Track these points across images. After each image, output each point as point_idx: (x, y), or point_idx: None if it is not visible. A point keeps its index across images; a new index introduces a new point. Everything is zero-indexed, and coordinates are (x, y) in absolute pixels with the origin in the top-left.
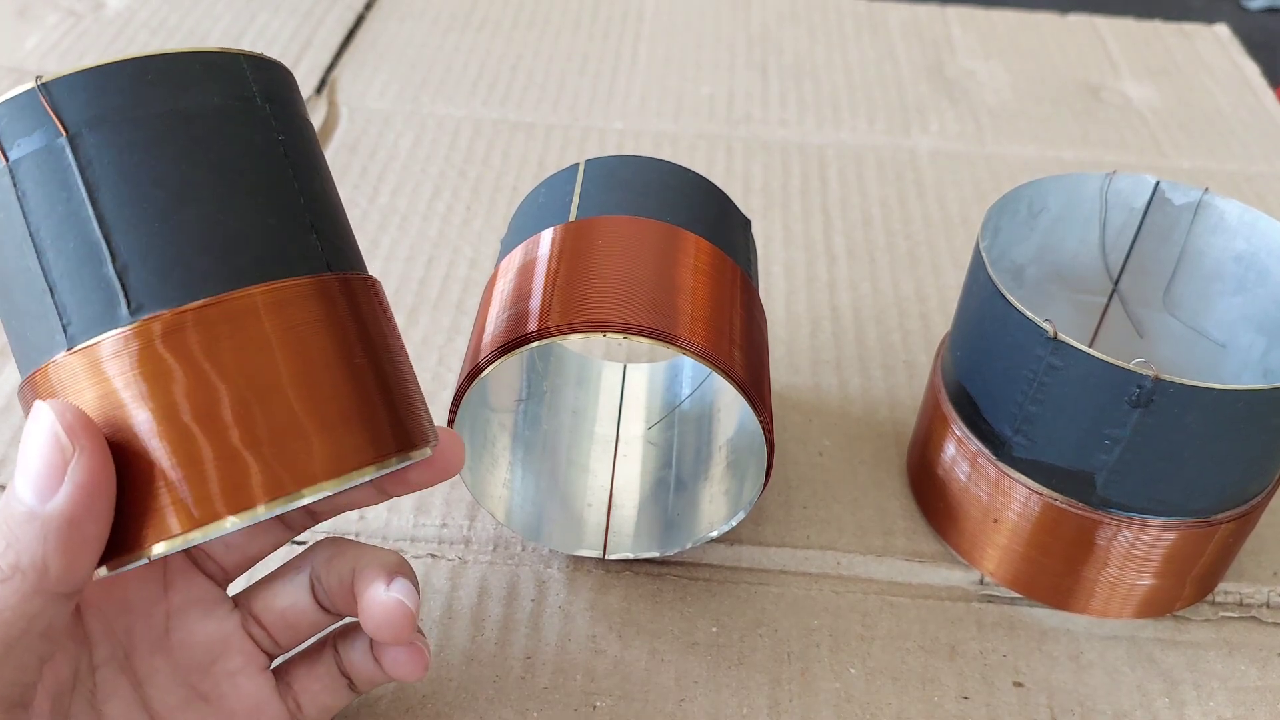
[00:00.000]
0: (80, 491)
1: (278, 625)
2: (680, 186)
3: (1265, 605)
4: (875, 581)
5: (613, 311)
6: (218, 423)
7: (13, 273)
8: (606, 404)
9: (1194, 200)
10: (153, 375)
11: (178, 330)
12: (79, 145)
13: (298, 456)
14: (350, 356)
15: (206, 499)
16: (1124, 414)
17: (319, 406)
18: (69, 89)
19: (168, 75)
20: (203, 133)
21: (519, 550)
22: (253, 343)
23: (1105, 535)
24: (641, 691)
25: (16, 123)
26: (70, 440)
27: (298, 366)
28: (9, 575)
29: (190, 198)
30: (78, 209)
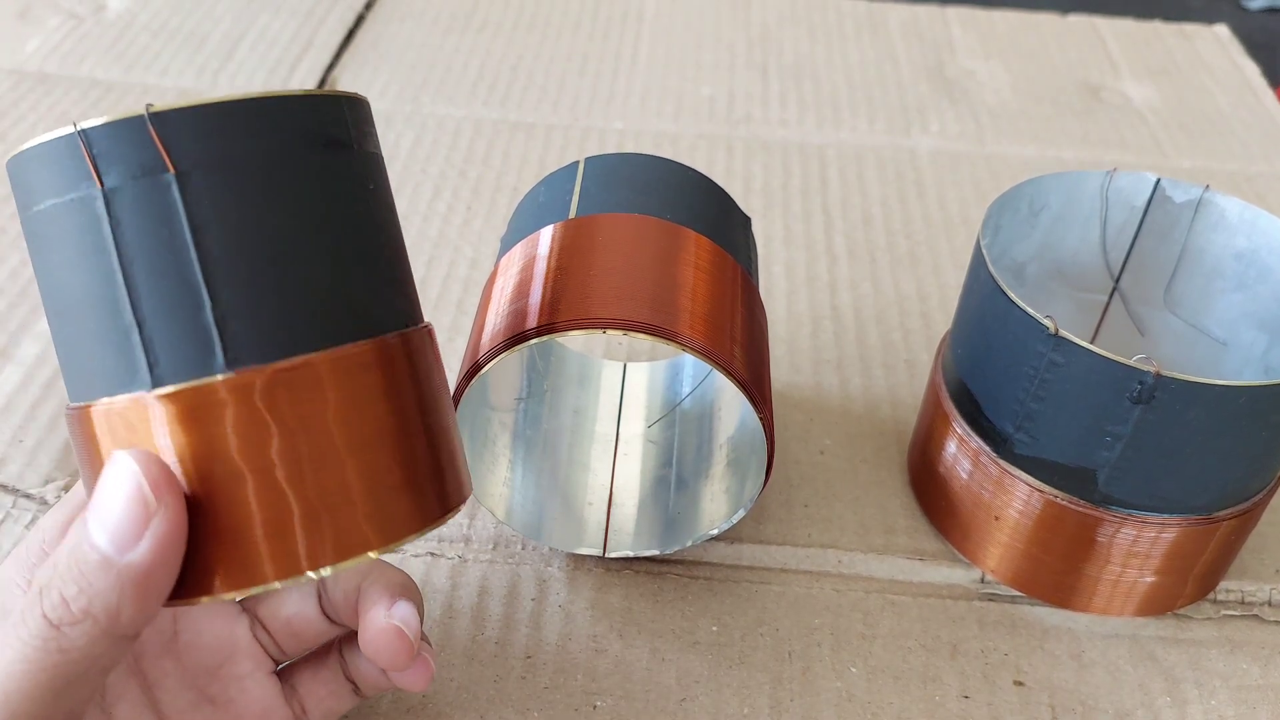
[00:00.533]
0: (159, 545)
1: (283, 633)
2: (681, 184)
3: (1267, 603)
4: (876, 580)
5: (613, 308)
6: (300, 481)
7: (88, 298)
8: (607, 403)
9: (1195, 198)
10: (241, 429)
11: (273, 386)
12: (187, 183)
13: (353, 522)
14: (423, 416)
15: (258, 558)
16: (1125, 411)
17: (396, 467)
18: (179, 123)
19: (278, 118)
20: (311, 183)
21: (519, 549)
22: (345, 401)
23: (1107, 533)
24: (642, 691)
25: (119, 149)
26: (155, 496)
27: (379, 426)
28: (80, 619)
29: (295, 250)
30: (180, 249)
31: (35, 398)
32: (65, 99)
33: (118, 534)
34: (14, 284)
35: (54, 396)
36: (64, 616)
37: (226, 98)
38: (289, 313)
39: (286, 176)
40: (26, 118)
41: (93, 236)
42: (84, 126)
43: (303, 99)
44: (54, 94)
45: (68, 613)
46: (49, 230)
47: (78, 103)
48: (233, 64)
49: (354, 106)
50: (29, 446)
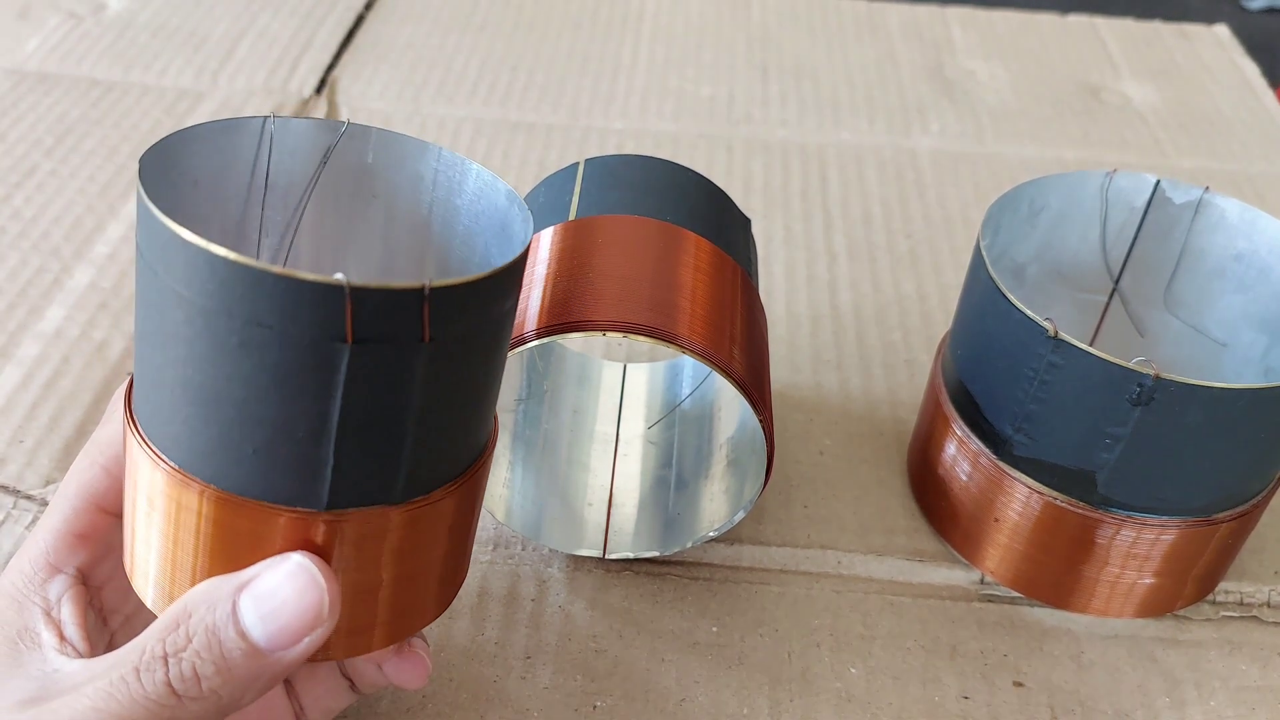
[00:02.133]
0: (309, 651)
1: None
2: (680, 185)
3: (1266, 605)
4: (876, 581)
5: (612, 310)
6: (390, 597)
7: (283, 421)
8: (607, 403)
9: (1194, 199)
10: (390, 547)
11: (352, 535)
12: (433, 353)
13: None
14: (472, 525)
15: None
16: (1125, 412)
17: (446, 578)
18: (449, 299)
19: (498, 288)
20: (500, 342)
21: (519, 550)
22: (434, 535)
23: (1106, 534)
24: (642, 691)
25: (387, 312)
26: (330, 615)
27: (446, 547)
28: (204, 696)
29: (472, 402)
30: (403, 407)
31: (35, 398)
32: (65, 99)
33: (281, 634)
34: (14, 284)
35: (54, 397)
36: (191, 691)
37: (474, 277)
38: (465, 456)
39: (485, 341)
40: (26, 117)
41: (320, 381)
42: (355, 285)
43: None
44: (54, 93)
45: (196, 689)
46: (253, 345)
47: (77, 102)
48: (232, 64)
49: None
50: (29, 447)
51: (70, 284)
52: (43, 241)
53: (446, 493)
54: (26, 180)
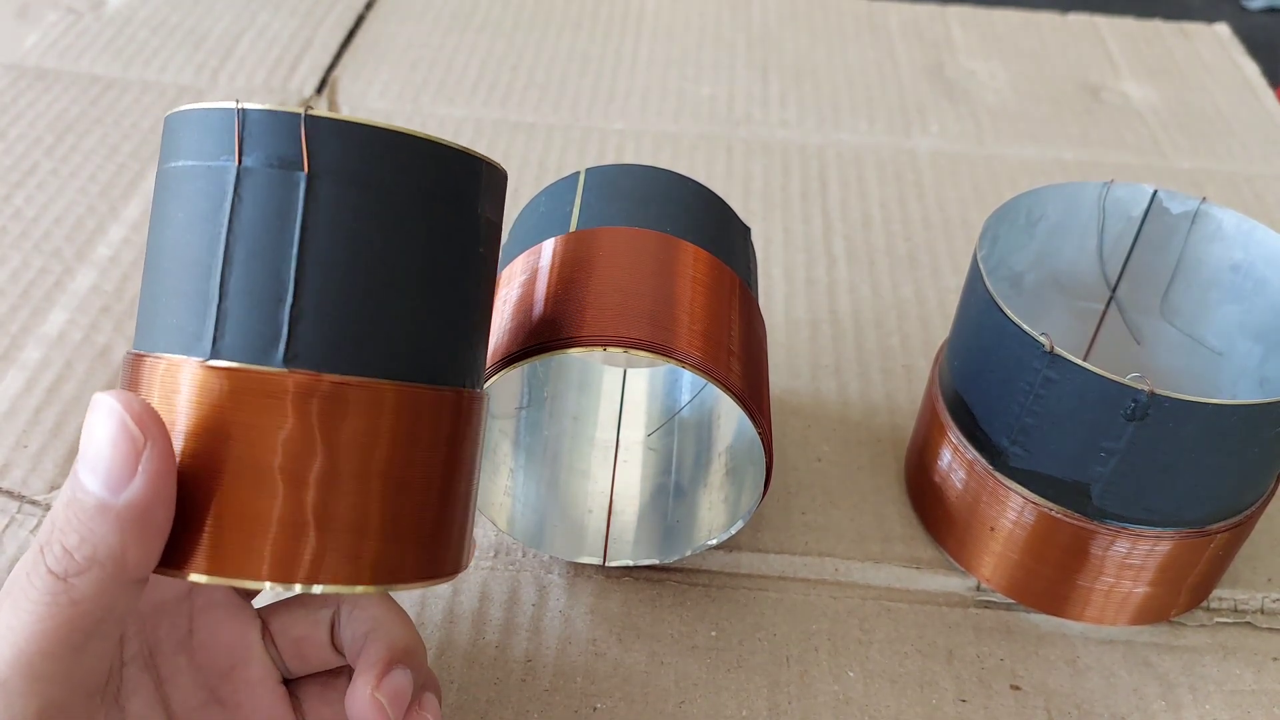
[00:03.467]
0: (153, 481)
1: (290, 651)
2: (680, 196)
3: (1260, 611)
4: (873, 588)
5: (611, 325)
6: (325, 497)
7: (186, 259)
8: (607, 409)
9: (1191, 209)
10: (271, 422)
11: (311, 394)
12: (314, 187)
13: (358, 553)
14: (452, 476)
15: (259, 553)
16: (1119, 427)
17: (415, 516)
18: (330, 131)
19: (417, 158)
20: (427, 224)
21: (520, 556)
22: (392, 436)
23: (1100, 545)
24: (641, 693)
25: (268, 136)
26: (142, 432)
27: (413, 472)
28: (86, 568)
29: (388, 281)
30: (284, 244)
31: (39, 402)
32: (64, 95)
33: (110, 476)
34: (15, 286)
35: (57, 401)
36: (69, 568)
37: (379, 123)
38: (362, 335)
39: (405, 211)
40: (25, 114)
41: (213, 204)
42: (245, 106)
43: (447, 148)
44: (53, 90)
45: (72, 563)
46: (177, 187)
47: (77, 99)
48: (232, 62)
49: (491, 173)
50: (33, 452)
51: (72, 286)
52: (44, 242)
53: (366, 384)
54: (27, 179)
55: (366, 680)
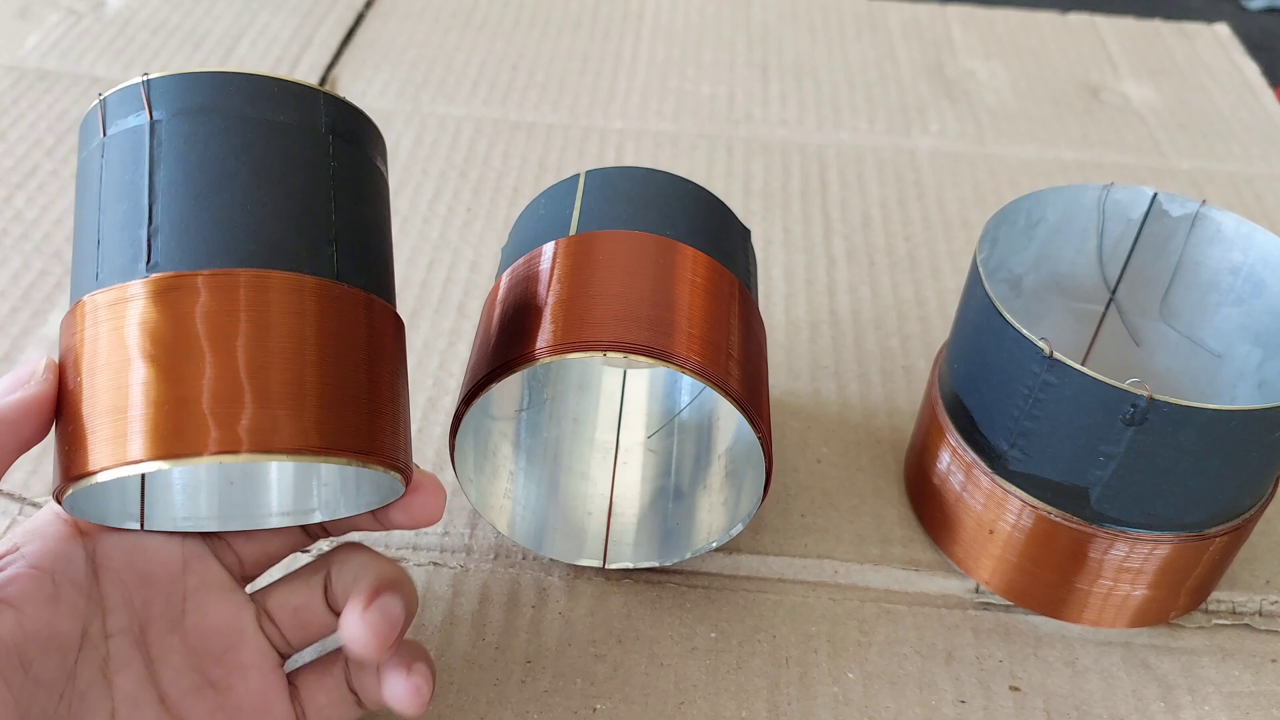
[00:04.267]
0: (22, 404)
1: (289, 623)
2: (680, 199)
3: (1258, 613)
4: (872, 590)
5: (611, 330)
6: (181, 376)
7: (84, 225)
8: (607, 410)
9: (1191, 212)
10: (146, 323)
11: (175, 290)
12: (157, 129)
13: (235, 423)
14: (319, 358)
15: (157, 438)
16: (1118, 432)
17: (286, 384)
18: (164, 85)
19: (246, 88)
20: (257, 137)
21: (520, 558)
22: (235, 315)
23: (1099, 548)
24: (641, 695)
25: (120, 107)
26: (43, 372)
27: (277, 345)
28: None
29: (226, 187)
30: (139, 179)
31: None
32: (65, 96)
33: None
34: (16, 288)
35: None
36: None
37: (206, 68)
38: (206, 235)
39: (233, 130)
40: (26, 116)
41: (93, 176)
42: (102, 94)
43: (271, 79)
44: (54, 91)
45: None
46: (78, 176)
47: (77, 100)
48: (232, 61)
49: (336, 105)
50: (33, 454)
51: None
52: (45, 244)
53: (214, 275)
54: (28, 181)
55: (356, 604)
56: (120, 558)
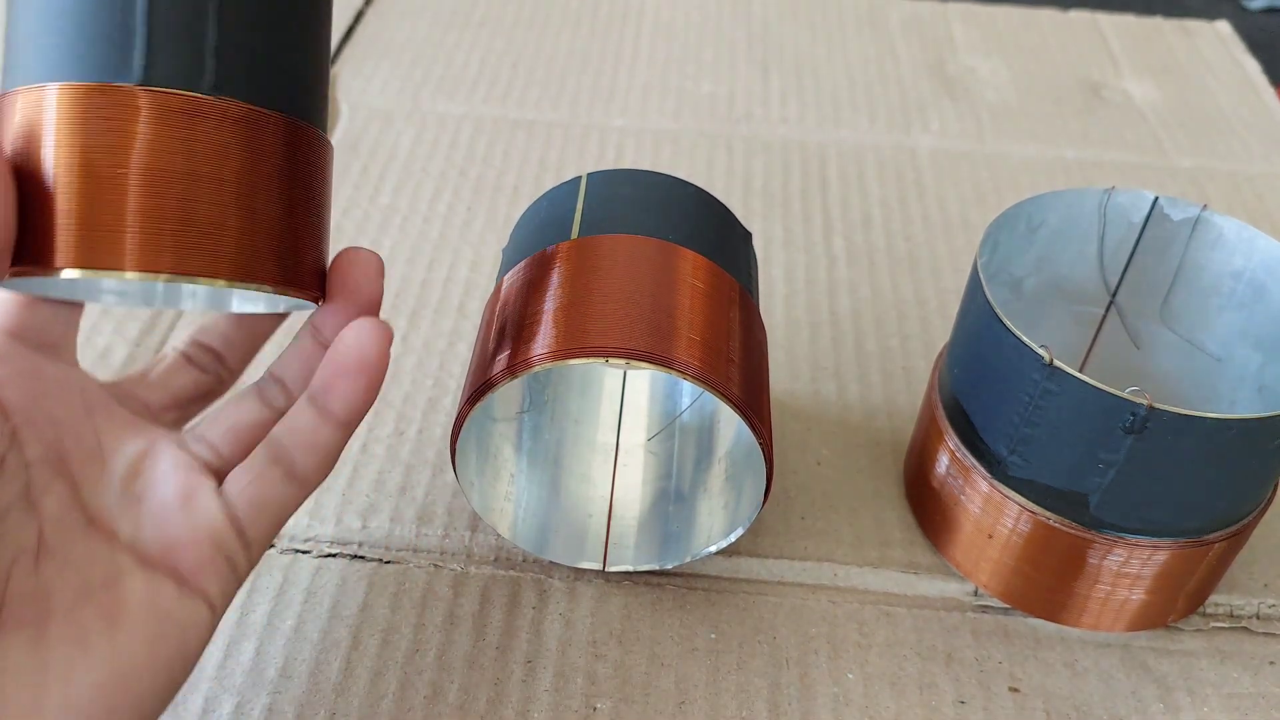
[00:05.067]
0: None
1: (226, 438)
2: (681, 202)
3: (1256, 616)
4: (871, 592)
5: (612, 336)
6: (160, 190)
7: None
8: (608, 411)
9: (1192, 216)
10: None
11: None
12: None
13: (217, 250)
14: (269, 188)
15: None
16: (1118, 439)
17: (250, 217)
18: None
19: None
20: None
21: (520, 560)
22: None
23: (1097, 554)
24: (642, 695)
25: None
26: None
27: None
28: None
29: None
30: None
31: None
32: None
33: None
34: None
35: None
36: None
37: None
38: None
39: None
40: None
41: None
42: None
43: None
44: None
45: None
46: None
47: None
48: None
49: None
50: None
51: None
52: None
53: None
54: None
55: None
56: (20, 399)
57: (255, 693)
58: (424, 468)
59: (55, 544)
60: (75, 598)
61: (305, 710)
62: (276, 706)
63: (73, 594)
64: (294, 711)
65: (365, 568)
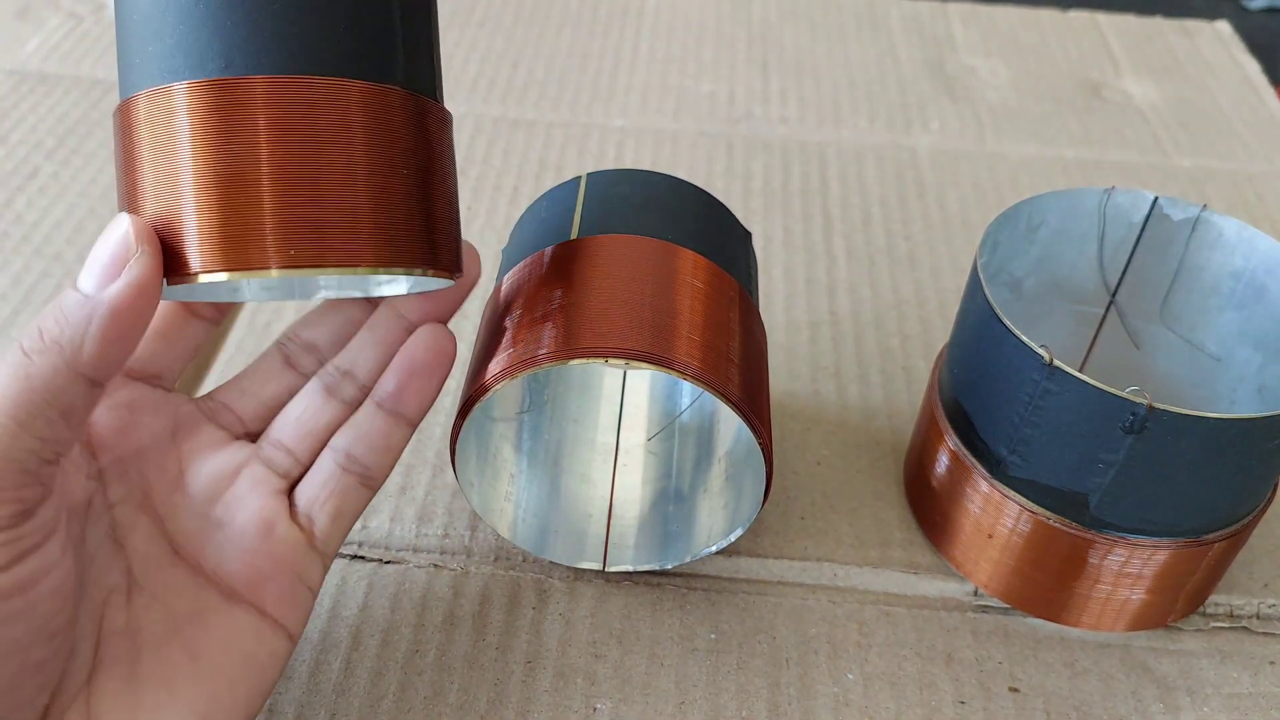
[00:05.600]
0: (132, 286)
1: (295, 436)
2: (681, 202)
3: (1256, 616)
4: (871, 592)
5: (613, 336)
6: (290, 183)
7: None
8: (607, 411)
9: (1192, 216)
10: (201, 130)
11: (269, 93)
12: None
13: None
14: (422, 172)
15: (262, 246)
16: (1118, 439)
17: (387, 201)
18: None
19: None
20: None
21: (520, 559)
22: (339, 123)
23: (1097, 554)
24: (641, 695)
25: None
26: (136, 241)
27: (375, 160)
28: (47, 348)
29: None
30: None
31: None
32: (65, 99)
33: (99, 273)
34: (17, 290)
35: None
36: (34, 345)
37: None
38: (291, 45)
39: None
40: (27, 119)
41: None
42: None
43: None
44: (54, 94)
45: (38, 342)
46: None
47: (78, 103)
48: None
49: None
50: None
51: None
52: (45, 247)
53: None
54: (28, 183)
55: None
56: (110, 435)
57: None
58: (424, 467)
59: (143, 579)
60: (164, 633)
61: (305, 711)
62: (277, 707)
63: (161, 629)
64: (294, 712)
65: (365, 568)
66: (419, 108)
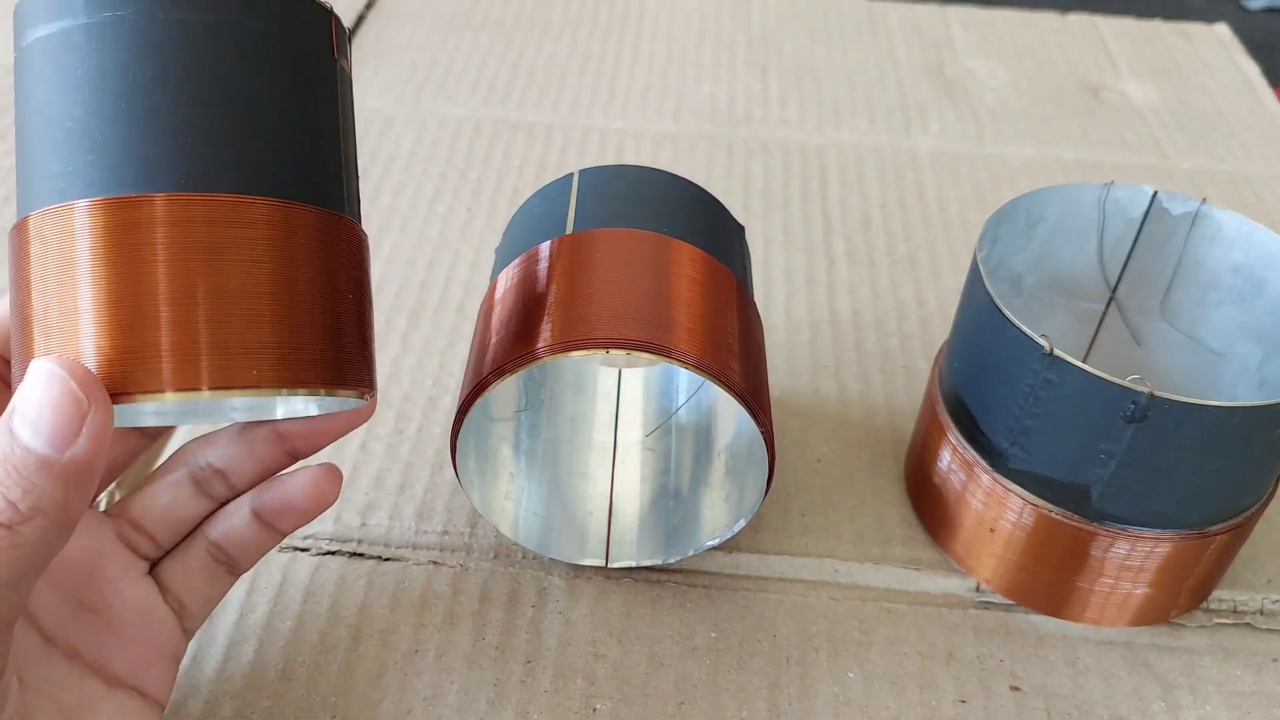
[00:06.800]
0: (95, 440)
1: (159, 524)
2: (674, 195)
3: (1259, 612)
4: (873, 589)
5: (611, 328)
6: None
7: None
8: (604, 409)
9: (1191, 211)
10: (98, 250)
11: (133, 213)
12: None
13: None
14: (310, 285)
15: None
16: (1119, 429)
17: (291, 321)
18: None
19: None
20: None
21: (520, 557)
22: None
23: (1100, 547)
24: (641, 694)
25: None
26: (86, 396)
27: (279, 279)
28: (30, 517)
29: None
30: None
31: None
32: None
33: (55, 435)
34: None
35: None
36: (14, 518)
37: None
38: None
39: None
40: None
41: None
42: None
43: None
44: None
45: (18, 514)
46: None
47: None
48: None
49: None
50: None
51: None
52: None
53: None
54: None
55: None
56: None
57: (256, 695)
58: (423, 465)
59: (25, 673)
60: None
61: (305, 711)
62: (277, 709)
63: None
64: (294, 713)
65: (364, 565)
66: (329, 224)
